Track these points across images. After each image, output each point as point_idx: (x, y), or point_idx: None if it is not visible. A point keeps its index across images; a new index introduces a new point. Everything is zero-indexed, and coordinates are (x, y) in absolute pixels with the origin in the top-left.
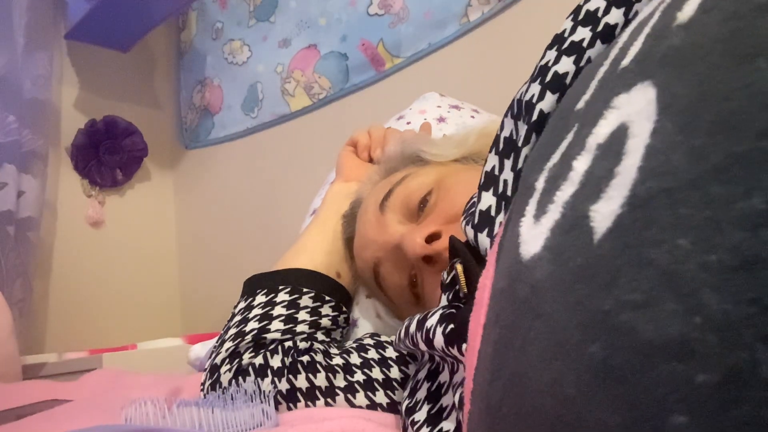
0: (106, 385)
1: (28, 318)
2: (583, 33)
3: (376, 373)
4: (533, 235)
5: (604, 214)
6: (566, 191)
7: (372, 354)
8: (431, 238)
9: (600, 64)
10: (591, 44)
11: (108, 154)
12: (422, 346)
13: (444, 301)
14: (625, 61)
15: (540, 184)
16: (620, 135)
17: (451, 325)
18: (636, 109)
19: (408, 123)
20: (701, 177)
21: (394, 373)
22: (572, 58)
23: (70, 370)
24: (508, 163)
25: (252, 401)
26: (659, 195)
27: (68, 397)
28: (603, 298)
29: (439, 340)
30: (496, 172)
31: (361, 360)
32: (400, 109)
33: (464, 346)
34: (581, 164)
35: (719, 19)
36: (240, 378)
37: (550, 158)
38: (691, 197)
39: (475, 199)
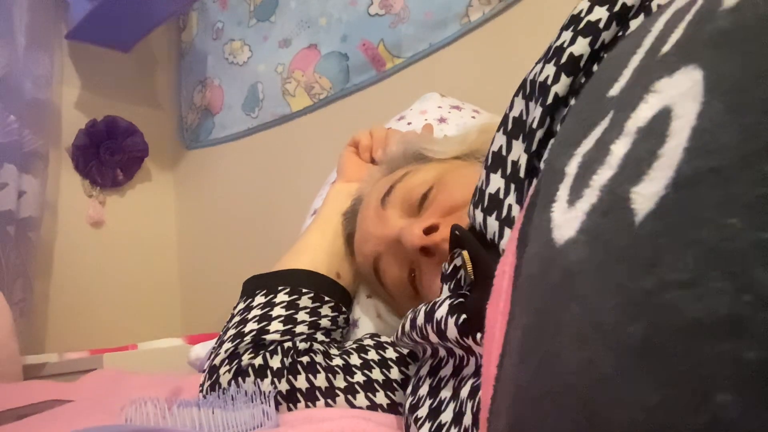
0: (107, 386)
1: (29, 318)
2: (600, 12)
3: (376, 374)
4: (567, 219)
5: (646, 195)
6: (603, 175)
7: (372, 355)
8: (429, 230)
9: (632, 52)
10: (607, 26)
11: (109, 154)
12: (433, 338)
13: (446, 292)
14: (666, 48)
15: (571, 169)
16: (663, 117)
17: (464, 315)
18: (680, 92)
19: (409, 123)
20: (753, 155)
21: (394, 374)
22: (588, 39)
23: (71, 370)
24: (516, 144)
25: (252, 402)
26: (707, 174)
27: (69, 398)
28: (645, 279)
29: (452, 331)
30: (504, 152)
31: (361, 361)
32: (401, 110)
33: (479, 335)
34: (620, 148)
35: None
36: (239, 379)
37: (580, 143)
38: (742, 175)
39: (483, 181)
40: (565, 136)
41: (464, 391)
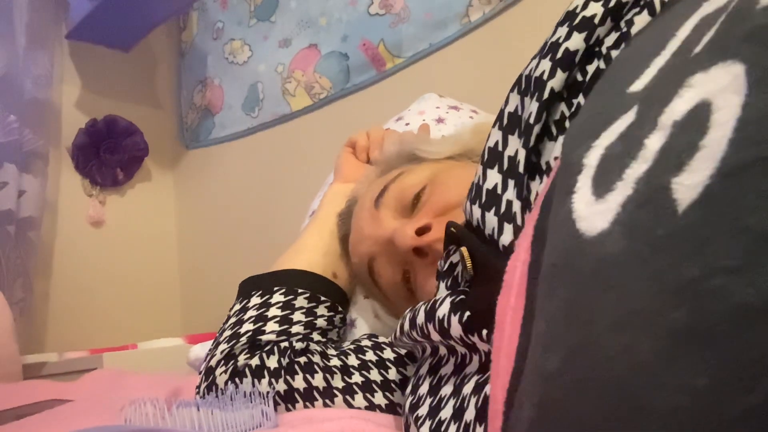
0: (107, 385)
1: (29, 317)
2: (595, 8)
3: (374, 375)
4: (598, 212)
5: (688, 185)
6: (638, 168)
7: (370, 356)
8: (421, 231)
9: (654, 54)
10: (602, 21)
11: (109, 154)
12: (435, 336)
13: (443, 289)
14: (698, 48)
15: (591, 160)
16: (702, 111)
17: (468, 312)
18: (719, 86)
19: (407, 124)
20: None
21: (392, 374)
22: (583, 35)
23: (71, 369)
24: (512, 139)
25: (251, 402)
26: (757, 163)
27: (69, 397)
28: (690, 266)
29: (456, 329)
30: (500, 147)
31: (359, 362)
32: (401, 109)
33: (484, 331)
34: (654, 142)
35: None
36: (236, 379)
37: (599, 136)
38: None
39: (480, 177)
40: (580, 129)
41: (467, 388)
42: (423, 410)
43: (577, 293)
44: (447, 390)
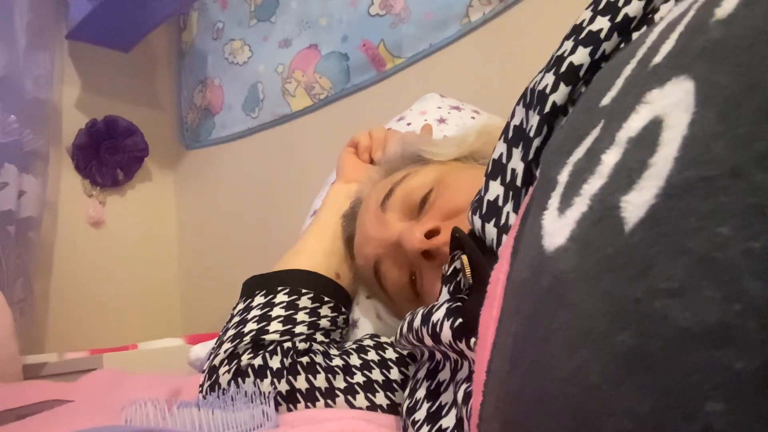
0: (107, 386)
1: (29, 318)
2: (602, 23)
3: (376, 375)
4: (558, 227)
5: (636, 204)
6: (594, 184)
7: (372, 356)
8: (430, 234)
9: (625, 62)
10: (608, 36)
11: (109, 154)
12: (428, 341)
13: (445, 294)
14: (657, 59)
15: (563, 177)
16: (654, 128)
17: (459, 319)
18: (671, 102)
19: (408, 124)
20: (744, 165)
21: (394, 374)
22: (588, 49)
23: (71, 370)
24: (516, 152)
25: (252, 402)
26: (698, 184)
27: (69, 398)
28: (634, 287)
29: (446, 335)
30: (504, 160)
31: (361, 361)
32: (401, 110)
33: (473, 340)
34: (611, 158)
35: (764, 11)
36: (239, 379)
37: (573, 152)
38: (733, 185)
39: (483, 187)
40: (559, 145)
41: (459, 396)
42: (420, 414)
43: (536, 310)
44: (447, 397)
